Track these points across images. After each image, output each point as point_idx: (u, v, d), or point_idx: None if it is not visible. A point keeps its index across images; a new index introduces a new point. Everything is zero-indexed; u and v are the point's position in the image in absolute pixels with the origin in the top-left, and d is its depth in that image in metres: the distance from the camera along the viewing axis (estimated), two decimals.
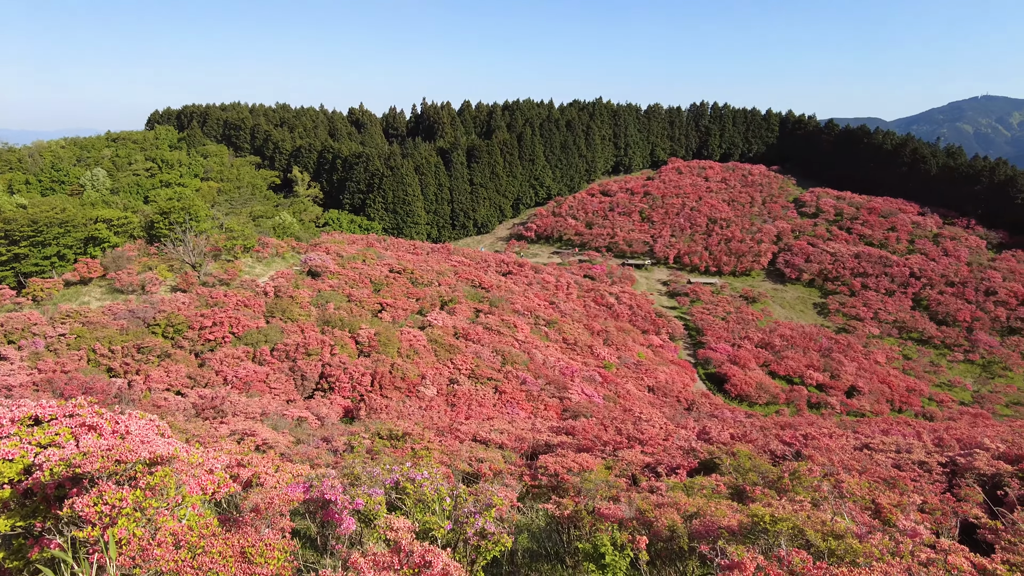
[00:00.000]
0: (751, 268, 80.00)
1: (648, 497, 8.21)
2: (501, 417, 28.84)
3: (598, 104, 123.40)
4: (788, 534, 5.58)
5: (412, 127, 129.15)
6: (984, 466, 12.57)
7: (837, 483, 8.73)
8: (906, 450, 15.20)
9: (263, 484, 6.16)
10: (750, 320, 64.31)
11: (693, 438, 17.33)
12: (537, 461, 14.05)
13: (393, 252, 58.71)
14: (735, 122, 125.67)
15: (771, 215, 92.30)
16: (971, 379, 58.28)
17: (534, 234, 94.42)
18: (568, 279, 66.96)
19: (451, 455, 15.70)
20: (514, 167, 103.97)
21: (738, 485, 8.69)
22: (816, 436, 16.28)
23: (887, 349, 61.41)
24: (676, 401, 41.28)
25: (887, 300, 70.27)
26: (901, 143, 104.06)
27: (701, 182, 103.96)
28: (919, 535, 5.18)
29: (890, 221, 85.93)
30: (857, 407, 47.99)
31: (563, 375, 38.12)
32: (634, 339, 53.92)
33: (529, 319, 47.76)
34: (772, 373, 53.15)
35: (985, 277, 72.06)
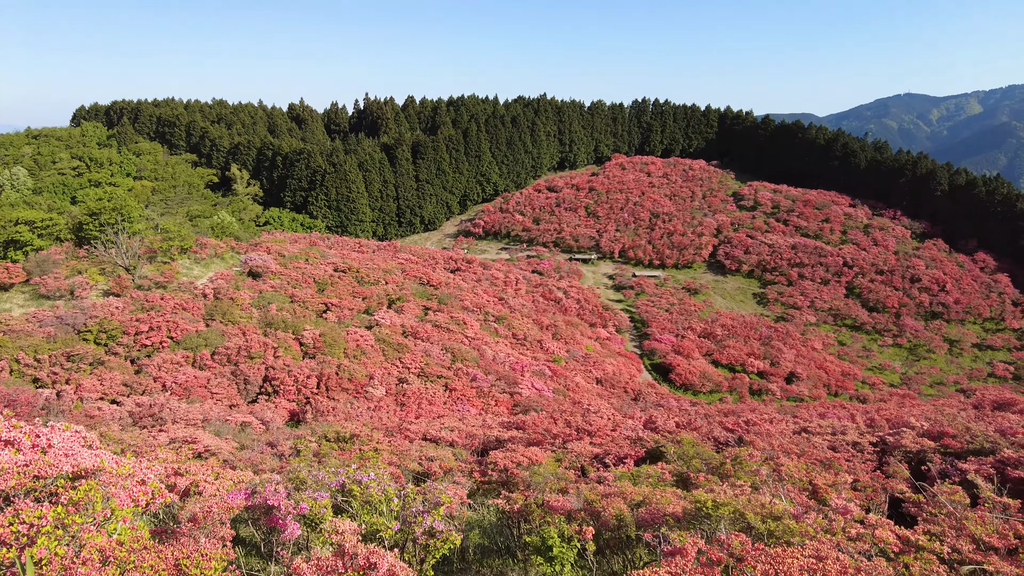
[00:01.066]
0: (693, 261, 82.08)
1: (596, 488, 8.32)
2: (452, 415, 28.74)
3: (543, 101, 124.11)
4: (730, 518, 5.74)
5: (355, 123, 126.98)
6: (910, 444, 13.27)
7: (776, 467, 9.05)
8: (841, 432, 15.88)
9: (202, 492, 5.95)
10: (693, 311, 65.96)
11: (640, 428, 17.66)
12: (488, 457, 14.07)
13: (337, 251, 57.64)
14: (676, 118, 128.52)
15: (711, 209, 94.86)
16: (899, 362, 61.43)
17: (482, 230, 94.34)
18: (517, 275, 67.18)
19: (401, 455, 15.54)
20: (460, 163, 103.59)
21: (683, 472, 8.91)
22: (757, 422, 16.84)
23: (823, 336, 64.05)
24: (624, 392, 41.99)
25: (822, 289, 73.27)
26: (833, 138, 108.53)
27: (644, 177, 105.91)
28: (850, 512, 5.42)
29: (824, 213, 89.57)
30: (796, 392, 49.91)
31: (513, 370, 38.25)
32: (582, 332, 54.56)
33: (478, 315, 47.70)
34: (715, 362, 54.70)
35: (910, 265, 76.04)
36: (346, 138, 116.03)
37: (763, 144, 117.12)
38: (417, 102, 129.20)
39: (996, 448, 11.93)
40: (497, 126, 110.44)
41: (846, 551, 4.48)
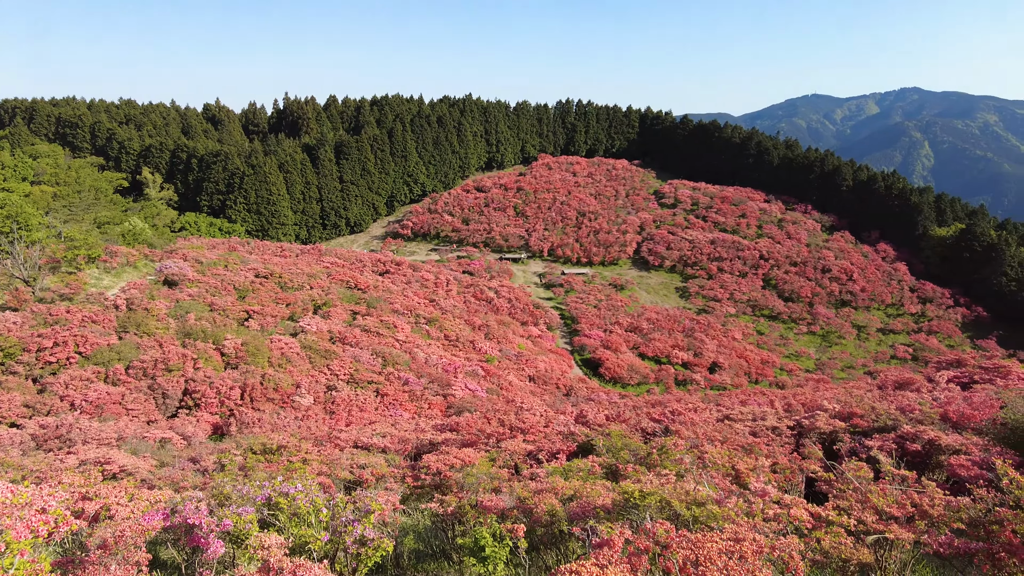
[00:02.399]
0: (618, 257, 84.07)
1: (528, 484, 8.40)
2: (384, 420, 28.32)
3: (468, 101, 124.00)
4: (657, 507, 5.91)
5: (274, 123, 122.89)
6: (823, 425, 14.07)
7: (701, 454, 9.40)
8: (760, 418, 16.65)
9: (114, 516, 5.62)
10: (620, 306, 67.58)
11: (571, 422, 17.94)
12: (421, 461, 13.95)
13: (259, 256, 55.66)
14: (599, 119, 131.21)
15: (634, 207, 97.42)
16: (814, 348, 65.01)
17: (410, 231, 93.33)
18: (447, 276, 66.86)
19: (331, 464, 15.18)
20: (386, 164, 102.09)
21: (612, 464, 9.12)
22: (682, 412, 17.43)
23: (743, 326, 66.95)
24: (556, 388, 42.55)
25: (741, 281, 76.58)
26: (747, 137, 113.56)
27: (570, 177, 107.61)
28: (768, 494, 5.69)
29: (740, 209, 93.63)
30: (719, 381, 51.95)
31: (446, 372, 38.06)
32: (514, 331, 54.90)
33: (409, 318, 47.18)
34: (642, 355, 56.23)
35: (821, 257, 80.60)
36: (265, 139, 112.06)
37: (682, 143, 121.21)
38: (339, 102, 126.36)
39: (897, 425, 12.82)
40: (423, 126, 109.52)
41: (762, 531, 4.71)
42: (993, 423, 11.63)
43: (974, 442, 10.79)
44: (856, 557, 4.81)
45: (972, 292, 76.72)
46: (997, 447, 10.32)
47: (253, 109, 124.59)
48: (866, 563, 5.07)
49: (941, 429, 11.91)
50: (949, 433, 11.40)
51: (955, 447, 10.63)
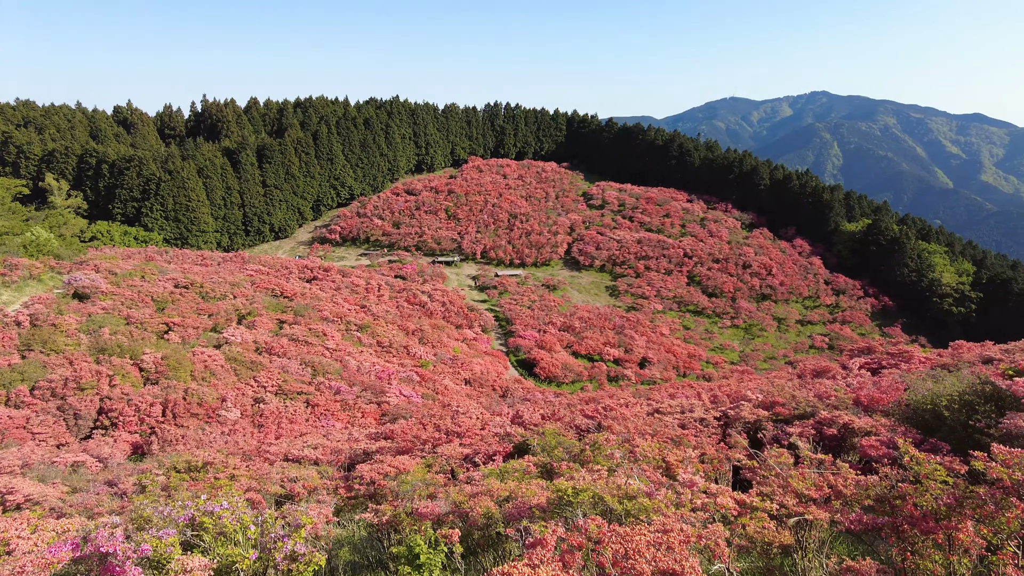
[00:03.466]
0: (550, 258, 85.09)
1: (464, 489, 8.36)
2: (315, 431, 27.57)
3: (396, 103, 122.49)
4: (590, 503, 6.00)
5: (192, 126, 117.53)
6: (748, 415, 14.65)
7: (632, 448, 9.61)
8: (689, 410, 17.17)
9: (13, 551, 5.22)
10: (553, 306, 68.36)
11: (508, 424, 18.00)
12: (355, 471, 13.66)
13: (178, 265, 53.13)
14: (527, 122, 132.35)
15: (564, 208, 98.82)
16: (737, 341, 67.73)
17: (339, 236, 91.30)
18: (379, 281, 65.78)
19: (260, 479, 14.66)
20: (311, 167, 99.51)
21: (547, 463, 9.20)
22: (614, 407, 17.79)
23: (670, 322, 69.00)
24: (492, 390, 42.59)
25: (667, 279, 78.92)
26: (670, 139, 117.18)
27: (500, 179, 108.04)
28: (695, 485, 5.87)
29: (665, 209, 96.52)
30: (649, 376, 53.34)
31: (379, 379, 37.43)
32: (449, 335, 54.60)
33: (339, 325, 46.12)
34: (575, 353, 57.07)
35: (742, 253, 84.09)
36: (183, 143, 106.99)
37: (608, 146, 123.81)
38: (261, 104, 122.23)
39: (815, 411, 13.51)
40: (349, 128, 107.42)
41: (690, 521, 4.86)
42: (899, 405, 12.42)
43: (883, 423, 11.48)
44: (778, 540, 5.02)
45: (879, 283, 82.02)
46: (902, 427, 11.03)
47: (169, 112, 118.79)
48: (788, 544, 5.31)
49: (854, 413, 12.62)
50: (861, 416, 12.10)
51: (866, 429, 11.29)
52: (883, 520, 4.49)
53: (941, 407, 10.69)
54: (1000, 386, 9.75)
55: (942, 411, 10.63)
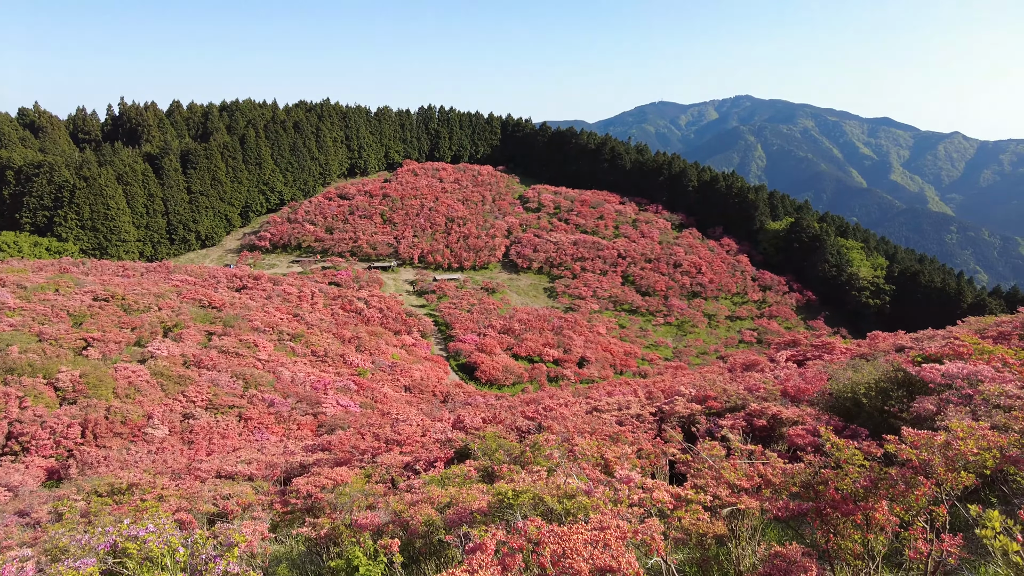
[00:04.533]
0: (489, 261, 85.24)
1: (404, 497, 8.25)
2: (249, 446, 26.64)
3: (327, 105, 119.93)
4: (530, 504, 6.02)
5: (109, 131, 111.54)
6: (682, 409, 15.05)
7: (571, 447, 9.72)
8: (626, 407, 17.51)
9: None
10: (492, 309, 68.48)
11: (449, 429, 17.89)
12: (291, 485, 13.27)
13: (97, 276, 50.31)
14: (462, 125, 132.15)
15: (501, 212, 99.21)
16: (671, 338, 69.63)
17: (269, 243, 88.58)
18: (312, 288, 64.21)
19: (191, 498, 14.04)
20: (239, 172, 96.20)
21: (488, 467, 9.19)
22: (554, 407, 17.96)
23: (606, 321, 70.28)
24: (432, 396, 42.25)
25: (602, 279, 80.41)
26: (602, 142, 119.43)
27: (436, 183, 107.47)
28: (632, 480, 5.99)
29: (599, 211, 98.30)
30: (588, 375, 54.15)
31: (315, 389, 36.51)
32: (387, 341, 53.84)
33: (272, 335, 44.75)
34: (515, 355, 57.35)
35: (673, 253, 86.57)
36: (99, 148, 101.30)
37: (543, 149, 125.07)
38: (184, 107, 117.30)
39: (746, 403, 14.01)
40: (278, 132, 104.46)
41: (626, 517, 4.95)
42: (822, 395, 13.05)
43: (809, 413, 12.02)
44: (712, 530, 5.18)
45: (803, 278, 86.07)
46: (826, 415, 11.59)
47: (83, 115, 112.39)
48: (722, 534, 5.48)
49: (782, 404, 13.16)
50: (788, 407, 12.63)
51: (794, 419, 11.79)
52: (807, 505, 4.71)
53: (860, 395, 11.30)
54: (911, 373, 10.38)
55: (861, 399, 11.24)
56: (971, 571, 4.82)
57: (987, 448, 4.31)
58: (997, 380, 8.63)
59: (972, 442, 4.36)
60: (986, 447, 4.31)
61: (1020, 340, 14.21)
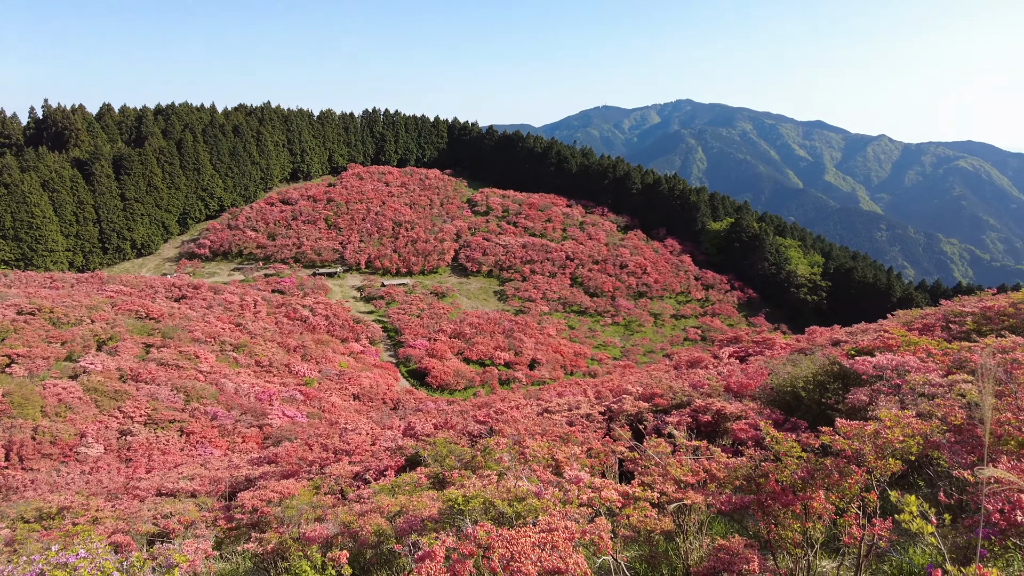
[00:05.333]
0: (438, 266, 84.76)
1: (353, 507, 8.11)
2: (192, 461, 25.70)
3: (267, 109, 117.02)
4: (481, 509, 6.01)
5: (32, 134, 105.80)
6: (630, 408, 15.30)
7: (522, 449, 9.75)
8: (576, 407, 17.69)
9: None
10: (442, 314, 68.12)
11: (399, 436, 17.70)
12: (236, 500, 12.88)
13: (21, 289, 47.66)
14: (408, 129, 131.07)
15: (449, 215, 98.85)
16: (619, 338, 70.73)
17: (209, 251, 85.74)
18: (255, 296, 62.49)
19: (129, 519, 13.46)
20: (176, 178, 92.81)
21: (439, 473, 9.13)
22: (505, 410, 17.99)
23: (556, 323, 70.88)
24: (382, 403, 41.69)
25: (551, 281, 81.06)
26: (548, 146, 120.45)
27: (383, 187, 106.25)
28: (581, 480, 6.05)
29: (546, 214, 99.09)
30: (539, 376, 54.45)
31: (260, 401, 35.54)
32: (334, 349, 52.84)
33: (214, 346, 43.32)
34: (466, 359, 57.18)
35: (619, 254, 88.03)
36: (21, 153, 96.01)
37: (490, 153, 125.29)
38: (116, 111, 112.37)
39: (691, 400, 14.35)
40: (217, 136, 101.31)
41: (573, 518, 5.00)
42: (764, 389, 13.47)
43: (751, 407, 12.40)
44: (660, 527, 5.28)
45: (744, 276, 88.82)
46: (767, 409, 11.98)
47: (2, 118, 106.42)
48: (670, 530, 5.59)
49: (726, 399, 13.54)
50: (732, 402, 13.00)
51: (737, 414, 12.14)
52: (749, 498, 4.85)
53: (799, 388, 11.73)
54: (845, 365, 10.84)
55: (799, 392, 11.66)
56: (900, 553, 5.06)
57: (912, 435, 4.54)
58: (922, 370, 9.10)
59: (898, 430, 4.58)
60: (911, 434, 4.54)
61: (942, 331, 15.02)
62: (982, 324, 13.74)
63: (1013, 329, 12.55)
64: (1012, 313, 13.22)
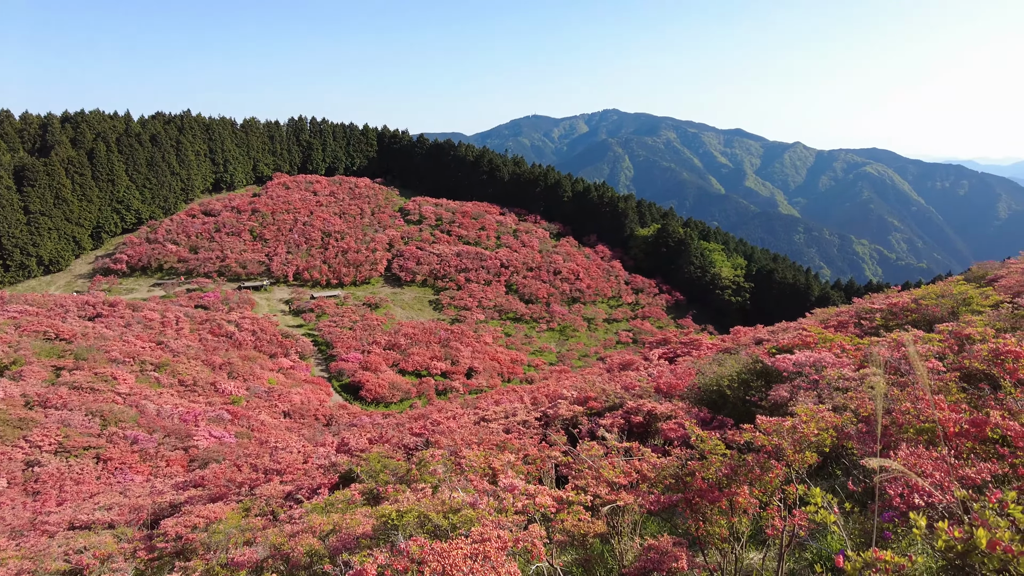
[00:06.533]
0: (370, 276, 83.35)
1: (284, 529, 7.85)
2: (110, 490, 24.24)
3: (187, 117, 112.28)
4: (416, 523, 5.93)
5: None
6: (565, 412, 15.48)
7: (458, 460, 9.69)
8: (512, 414, 17.75)
9: None
10: (376, 325, 66.99)
11: (333, 453, 17.27)
12: (159, 528, 12.23)
13: None
14: (335, 137, 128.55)
15: (381, 224, 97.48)
16: (554, 343, 71.47)
17: (126, 266, 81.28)
18: (177, 313, 59.70)
19: (37, 557, 12.55)
20: (88, 190, 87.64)
21: (373, 489, 8.95)
22: (442, 421, 17.85)
23: (492, 330, 70.96)
24: (314, 420, 40.57)
25: (487, 289, 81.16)
26: (480, 155, 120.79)
27: (310, 196, 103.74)
28: (516, 488, 6.06)
29: (480, 222, 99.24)
30: (476, 385, 54.31)
31: (184, 422, 33.92)
32: (262, 366, 51.07)
33: (133, 366, 41.07)
34: (402, 371, 56.41)
35: (552, 261, 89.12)
36: None
37: (421, 161, 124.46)
38: (16, 118, 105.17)
39: (623, 402, 14.64)
40: (133, 145, 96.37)
41: (506, 526, 5.01)
42: (692, 389, 13.91)
43: (680, 407, 12.76)
44: (593, 530, 5.35)
45: (671, 279, 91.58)
46: (696, 408, 12.36)
47: None
48: (603, 532, 5.67)
49: (656, 400, 13.88)
50: (662, 402, 13.34)
51: (667, 414, 12.46)
52: (677, 497, 4.99)
53: (724, 387, 12.17)
54: (767, 363, 11.32)
55: (725, 390, 12.10)
56: (819, 541, 5.33)
57: (825, 429, 4.79)
58: (837, 365, 9.62)
59: (813, 424, 4.83)
60: (824, 428, 4.79)
61: (855, 327, 15.95)
62: (889, 319, 14.68)
63: (915, 323, 13.47)
64: (914, 308, 14.17)
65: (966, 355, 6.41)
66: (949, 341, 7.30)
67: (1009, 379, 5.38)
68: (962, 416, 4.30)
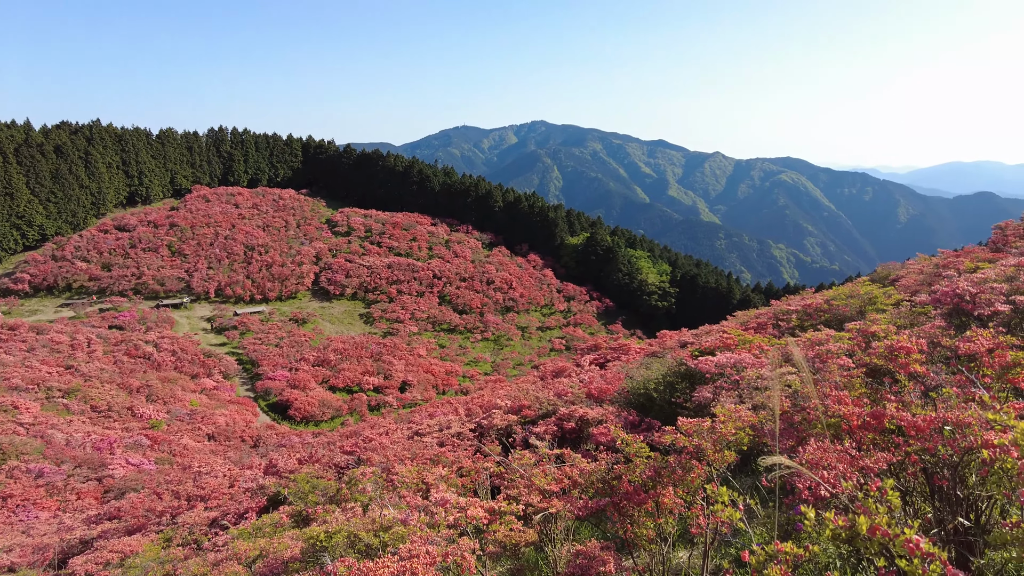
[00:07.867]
0: (297, 290, 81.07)
1: (207, 557, 7.50)
2: (11, 529, 22.46)
3: (97, 127, 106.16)
4: (346, 543, 5.79)
5: None
6: (499, 422, 15.49)
7: (391, 476, 9.53)
8: (446, 427, 17.62)
9: None
10: (304, 341, 65.14)
11: (260, 476, 16.64)
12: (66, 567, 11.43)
13: None
14: (258, 147, 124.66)
15: (307, 237, 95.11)
16: (489, 353, 71.52)
17: (29, 286, 75.78)
18: (88, 334, 56.23)
19: None
20: None
21: (302, 511, 8.69)
22: (375, 437, 17.52)
23: (426, 342, 70.32)
24: (241, 442, 38.98)
25: (419, 301, 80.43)
26: (410, 165, 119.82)
27: (232, 209, 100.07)
28: (448, 502, 6.02)
29: (411, 233, 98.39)
30: (411, 399, 53.61)
31: (98, 450, 31.89)
32: (184, 387, 48.72)
33: (38, 394, 38.33)
34: (333, 387, 55.03)
35: (485, 271, 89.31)
36: None
37: (349, 172, 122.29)
38: None
39: (556, 408, 14.79)
40: (36, 157, 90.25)
41: (436, 541, 4.97)
42: (621, 393, 14.20)
43: (611, 411, 13.00)
44: (524, 539, 5.38)
45: (601, 286, 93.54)
46: (625, 411, 12.64)
47: None
48: (534, 541, 5.71)
49: (588, 405, 14.09)
50: (594, 407, 13.55)
51: (598, 418, 12.66)
52: (604, 501, 5.09)
53: (651, 390, 12.49)
54: (691, 366, 11.71)
55: (652, 393, 12.43)
56: (741, 538, 5.55)
57: (742, 428, 5.01)
58: (756, 365, 10.05)
59: (731, 424, 5.04)
60: (741, 427, 5.01)
61: (774, 328, 16.73)
62: (804, 320, 15.50)
63: (827, 323, 14.27)
64: (827, 309, 15.01)
65: (870, 351, 6.85)
66: (857, 339, 7.77)
67: (903, 372, 5.79)
68: (864, 410, 4.60)
